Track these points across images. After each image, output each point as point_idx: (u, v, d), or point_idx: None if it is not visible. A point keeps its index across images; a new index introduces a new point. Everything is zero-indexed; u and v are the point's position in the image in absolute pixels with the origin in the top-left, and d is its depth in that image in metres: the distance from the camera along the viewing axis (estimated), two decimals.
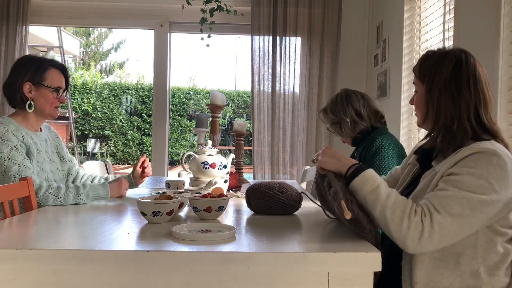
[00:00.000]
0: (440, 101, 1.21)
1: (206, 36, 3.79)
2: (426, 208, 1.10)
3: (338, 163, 1.25)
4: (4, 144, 1.66)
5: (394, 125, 3.17)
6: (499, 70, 1.89)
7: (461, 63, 1.21)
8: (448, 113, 1.20)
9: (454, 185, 1.10)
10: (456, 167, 1.13)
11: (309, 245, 1.14)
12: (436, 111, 1.22)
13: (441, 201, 1.09)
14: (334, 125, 2.04)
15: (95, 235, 1.18)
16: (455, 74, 1.21)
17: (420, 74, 1.27)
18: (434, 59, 1.25)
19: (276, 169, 3.89)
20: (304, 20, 3.85)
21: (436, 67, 1.23)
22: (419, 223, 1.07)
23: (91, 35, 20.09)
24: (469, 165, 1.11)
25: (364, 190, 1.16)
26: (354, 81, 3.91)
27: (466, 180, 1.10)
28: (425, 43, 2.85)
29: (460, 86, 1.20)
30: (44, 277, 1.00)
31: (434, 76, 1.23)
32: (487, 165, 1.10)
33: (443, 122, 1.21)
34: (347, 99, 2.02)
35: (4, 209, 1.52)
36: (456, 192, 1.09)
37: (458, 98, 1.20)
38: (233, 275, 1.00)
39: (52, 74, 1.83)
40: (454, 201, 1.08)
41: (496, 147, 1.14)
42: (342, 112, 2.00)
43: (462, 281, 1.14)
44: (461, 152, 1.16)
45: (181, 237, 1.12)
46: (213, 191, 1.63)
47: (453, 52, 1.24)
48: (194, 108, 12.17)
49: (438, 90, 1.21)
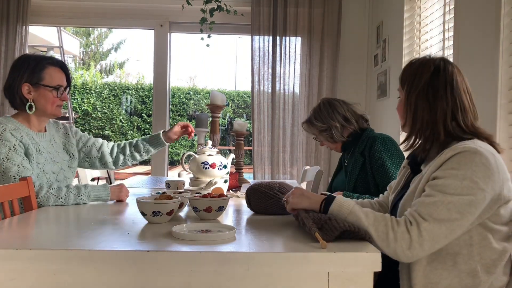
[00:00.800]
0: (417, 106, 1.24)
1: (206, 36, 3.79)
2: (411, 217, 1.11)
3: (309, 201, 1.28)
4: (2, 144, 1.65)
5: (394, 125, 3.17)
6: (499, 70, 1.89)
7: (439, 70, 1.25)
8: (424, 118, 1.23)
9: (439, 190, 1.11)
10: (440, 170, 1.15)
11: (309, 245, 1.14)
12: (413, 115, 1.25)
13: (427, 208, 1.10)
14: (323, 132, 2.06)
15: (95, 235, 1.18)
16: (433, 81, 1.24)
17: (402, 80, 1.31)
18: (414, 66, 1.29)
19: (276, 169, 3.89)
20: (304, 20, 3.85)
21: (415, 74, 1.27)
22: (405, 233, 1.09)
23: (91, 35, 20.08)
24: (453, 167, 1.13)
25: (343, 213, 1.18)
26: (354, 81, 3.91)
27: (450, 183, 1.11)
28: (425, 43, 2.85)
29: (437, 92, 1.23)
30: (44, 277, 1.00)
31: (412, 82, 1.26)
32: (470, 165, 1.11)
33: (419, 126, 1.24)
34: (331, 106, 2.05)
35: (4, 209, 1.51)
36: (441, 198, 1.10)
37: (434, 103, 1.23)
38: (233, 275, 1.00)
39: (51, 72, 1.78)
40: (440, 207, 1.09)
41: (478, 145, 1.15)
42: (330, 119, 2.02)
43: (461, 281, 1.14)
44: (444, 153, 1.17)
45: (181, 237, 1.12)
46: (213, 191, 1.63)
47: (433, 60, 1.28)
48: (194, 108, 12.17)
49: (416, 96, 1.25)
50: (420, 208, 1.11)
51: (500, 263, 1.16)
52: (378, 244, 1.11)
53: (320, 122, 2.04)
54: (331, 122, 2.02)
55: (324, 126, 2.04)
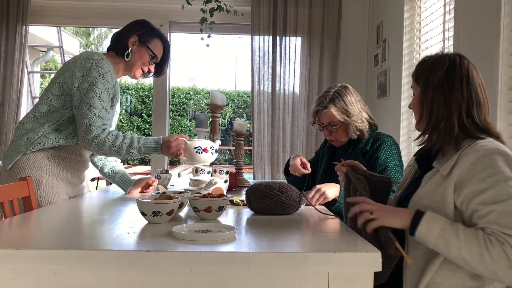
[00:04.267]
0: (433, 100, 1.24)
1: (206, 36, 3.79)
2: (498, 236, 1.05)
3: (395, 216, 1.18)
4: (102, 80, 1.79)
5: (394, 125, 3.17)
6: (499, 70, 1.89)
7: (454, 65, 1.24)
8: (439, 111, 1.23)
9: (494, 201, 1.08)
10: (477, 180, 1.12)
11: (309, 245, 1.14)
12: (430, 110, 1.25)
13: (499, 223, 1.05)
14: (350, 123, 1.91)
15: (95, 235, 1.18)
16: (448, 75, 1.23)
17: (417, 76, 1.31)
18: (429, 62, 1.28)
19: (276, 169, 3.88)
20: (304, 20, 3.85)
21: (431, 69, 1.26)
22: (501, 252, 1.03)
23: (91, 35, 20.08)
24: (489, 174, 1.11)
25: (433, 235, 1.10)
26: (354, 81, 3.89)
27: (498, 191, 1.08)
28: (425, 43, 2.85)
29: (453, 86, 1.22)
30: (44, 277, 1.00)
31: (428, 77, 1.26)
32: (503, 165, 1.11)
33: (435, 120, 1.24)
34: (360, 99, 1.98)
35: (4, 209, 1.51)
36: (501, 207, 1.07)
37: (450, 97, 1.22)
38: (233, 275, 1.00)
39: (158, 43, 2.00)
40: (507, 216, 1.06)
41: (497, 145, 1.16)
42: (362, 111, 1.94)
43: (464, 283, 1.14)
44: (465, 155, 1.16)
45: (181, 237, 1.12)
46: (213, 191, 1.63)
47: (448, 55, 1.28)
48: (194, 108, 12.17)
49: (432, 90, 1.24)
50: (493, 226, 1.06)
51: None
52: (472, 266, 1.06)
53: (346, 113, 1.91)
54: (363, 114, 1.94)
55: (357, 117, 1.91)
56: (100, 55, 1.85)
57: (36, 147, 1.78)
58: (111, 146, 1.77)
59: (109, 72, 1.83)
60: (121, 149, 1.79)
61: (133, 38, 1.95)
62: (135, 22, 2.02)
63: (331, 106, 1.91)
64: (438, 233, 1.10)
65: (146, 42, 1.97)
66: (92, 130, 1.75)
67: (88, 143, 1.76)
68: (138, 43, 1.96)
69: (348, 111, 1.91)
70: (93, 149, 1.78)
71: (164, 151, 1.85)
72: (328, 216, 1.51)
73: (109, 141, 1.76)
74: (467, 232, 1.08)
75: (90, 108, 1.75)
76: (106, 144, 1.76)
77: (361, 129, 1.94)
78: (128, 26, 2.00)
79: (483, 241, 1.05)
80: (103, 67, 1.81)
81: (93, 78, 1.77)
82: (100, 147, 1.76)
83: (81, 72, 1.78)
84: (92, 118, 1.75)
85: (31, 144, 1.77)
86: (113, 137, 1.78)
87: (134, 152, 1.81)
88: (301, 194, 1.57)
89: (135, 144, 1.81)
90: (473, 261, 1.05)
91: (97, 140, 1.75)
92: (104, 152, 1.79)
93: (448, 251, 1.09)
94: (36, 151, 1.78)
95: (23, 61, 3.84)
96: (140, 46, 1.97)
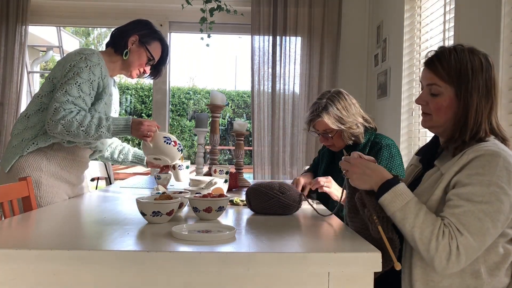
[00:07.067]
0: (478, 105, 1.19)
1: (206, 36, 3.78)
2: (452, 230, 1.08)
3: (369, 180, 1.22)
4: (88, 71, 1.77)
5: (394, 125, 3.17)
6: (499, 70, 1.89)
7: (491, 68, 1.22)
8: (478, 117, 1.19)
9: (468, 199, 1.09)
10: (465, 175, 1.12)
11: (309, 245, 1.14)
12: (467, 115, 1.20)
13: (460, 219, 1.08)
14: (345, 130, 1.90)
15: (95, 235, 1.18)
16: (489, 79, 1.21)
17: (450, 76, 1.20)
18: (464, 61, 1.20)
19: (276, 169, 3.88)
20: (304, 20, 3.85)
21: (472, 71, 1.19)
22: (446, 245, 1.07)
23: (91, 35, 20.07)
24: (477, 172, 1.10)
25: (394, 207, 1.15)
26: (354, 81, 3.91)
27: (477, 190, 1.09)
28: (425, 43, 2.85)
29: (491, 91, 1.21)
30: (44, 277, 1.00)
31: (469, 81, 1.19)
32: (494, 169, 1.10)
33: (466, 124, 1.20)
34: (354, 104, 1.95)
35: (4, 209, 1.51)
36: (471, 207, 1.08)
37: (487, 102, 1.20)
38: (233, 275, 1.00)
39: (157, 46, 2.01)
40: (471, 217, 1.07)
41: (499, 148, 1.15)
42: (357, 115, 1.92)
43: (463, 281, 1.14)
44: (466, 154, 1.15)
45: (181, 237, 1.11)
46: (213, 191, 1.63)
47: (483, 55, 1.22)
48: (194, 108, 12.16)
49: (477, 97, 1.19)
50: (453, 219, 1.08)
51: (503, 266, 1.16)
52: (416, 245, 1.10)
53: (340, 120, 1.89)
54: (358, 119, 1.92)
55: (351, 123, 1.90)
56: (92, 50, 1.84)
57: (31, 148, 1.77)
58: (79, 126, 1.69)
59: (98, 66, 1.81)
60: (89, 129, 1.71)
61: (133, 37, 1.95)
62: (138, 21, 2.02)
63: (324, 115, 1.89)
64: (399, 207, 1.14)
65: (146, 44, 1.97)
66: (59, 112, 1.68)
67: (54, 125, 1.69)
68: (138, 43, 1.96)
69: (342, 118, 1.89)
70: (59, 132, 1.70)
71: (134, 130, 1.80)
72: (328, 216, 1.51)
73: (76, 121, 1.69)
74: (428, 217, 1.11)
75: (65, 94, 1.71)
76: (74, 125, 1.69)
77: (356, 134, 1.94)
78: (131, 24, 2.00)
79: (437, 230, 1.09)
80: (92, 60, 1.79)
81: (79, 68, 1.75)
82: (67, 128, 1.68)
83: (70, 64, 1.77)
84: (64, 103, 1.70)
85: (26, 145, 1.77)
86: (81, 117, 1.71)
87: (104, 131, 1.74)
88: (301, 195, 1.57)
89: (103, 122, 1.74)
90: (420, 242, 1.09)
91: (63, 121, 1.68)
92: (72, 134, 1.70)
93: (401, 225, 1.13)
94: (33, 152, 1.78)
95: (23, 61, 3.83)
96: (139, 47, 1.96)
